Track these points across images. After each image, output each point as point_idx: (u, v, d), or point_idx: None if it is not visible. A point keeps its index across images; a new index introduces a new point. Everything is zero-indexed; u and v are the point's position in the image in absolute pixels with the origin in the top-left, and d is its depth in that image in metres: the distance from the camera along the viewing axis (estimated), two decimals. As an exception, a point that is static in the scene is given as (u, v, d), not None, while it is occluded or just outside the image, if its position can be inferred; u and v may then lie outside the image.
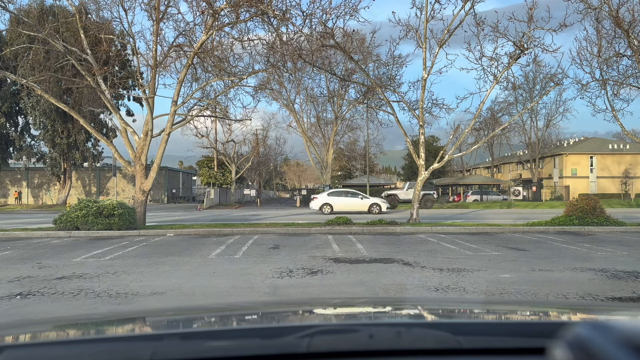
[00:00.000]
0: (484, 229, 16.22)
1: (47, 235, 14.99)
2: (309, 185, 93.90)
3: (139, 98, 26.17)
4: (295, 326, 1.26)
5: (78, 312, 5.44)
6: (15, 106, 40.28)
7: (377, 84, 19.67)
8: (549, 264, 8.88)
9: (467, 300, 5.55)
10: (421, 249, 11.29)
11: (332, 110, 45.09)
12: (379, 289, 6.75)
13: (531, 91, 48.03)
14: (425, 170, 19.11)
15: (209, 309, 2.16)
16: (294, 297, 6.42)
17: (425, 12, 17.78)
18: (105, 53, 17.28)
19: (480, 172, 74.20)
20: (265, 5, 15.50)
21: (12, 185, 53.13)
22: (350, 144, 61.89)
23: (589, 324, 0.70)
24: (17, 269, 8.60)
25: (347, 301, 2.90)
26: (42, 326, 1.61)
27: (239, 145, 48.89)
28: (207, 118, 35.23)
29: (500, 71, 18.30)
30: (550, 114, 54.51)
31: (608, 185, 53.86)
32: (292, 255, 10.11)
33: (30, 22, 18.06)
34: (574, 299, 6.11)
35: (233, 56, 19.13)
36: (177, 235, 15.13)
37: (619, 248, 11.34)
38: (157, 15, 16.21)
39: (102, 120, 39.58)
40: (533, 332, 1.16)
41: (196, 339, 1.13)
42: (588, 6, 16.95)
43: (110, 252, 10.87)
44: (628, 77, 18.69)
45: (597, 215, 16.72)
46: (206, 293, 6.74)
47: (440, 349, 1.04)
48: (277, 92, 39.88)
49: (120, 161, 18.39)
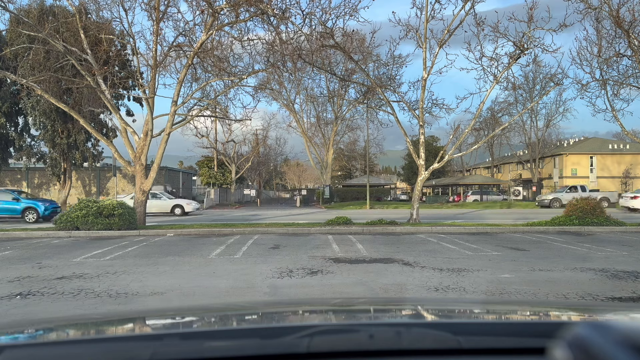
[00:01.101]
0: (484, 229, 16.22)
1: (47, 235, 15.00)
2: (309, 185, 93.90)
3: (139, 98, 26.14)
4: (295, 326, 1.26)
5: (78, 312, 5.44)
6: (15, 106, 40.18)
7: (377, 84, 19.66)
8: (549, 264, 8.88)
9: (467, 300, 5.55)
10: (421, 249, 11.30)
11: (332, 110, 45.17)
12: (378, 289, 6.75)
13: (531, 91, 48.05)
14: (425, 170, 19.12)
15: (209, 309, 2.16)
16: (294, 297, 6.42)
17: (425, 12, 17.80)
18: (105, 53, 17.28)
19: (480, 172, 74.19)
20: (264, 5, 15.50)
21: (12, 185, 53.08)
22: (350, 144, 61.92)
23: (589, 324, 0.70)
24: (17, 269, 8.60)
25: (347, 301, 2.90)
26: (42, 326, 1.61)
27: (239, 145, 48.94)
28: (207, 118, 35.24)
29: (500, 71, 18.31)
30: (550, 114, 54.63)
31: (608, 185, 53.82)
32: (292, 255, 10.11)
33: (30, 22, 18.05)
34: (574, 299, 6.11)
35: (233, 56, 19.16)
36: (177, 235, 15.13)
37: (619, 248, 11.34)
38: (157, 15, 16.20)
39: (102, 120, 39.51)
40: (533, 332, 1.16)
41: (196, 339, 1.13)
42: (588, 6, 16.94)
43: (110, 252, 10.87)
44: (628, 77, 18.69)
45: (597, 215, 16.72)
46: (206, 293, 6.74)
47: (440, 349, 1.04)
48: (277, 92, 39.95)
49: (120, 161, 18.39)
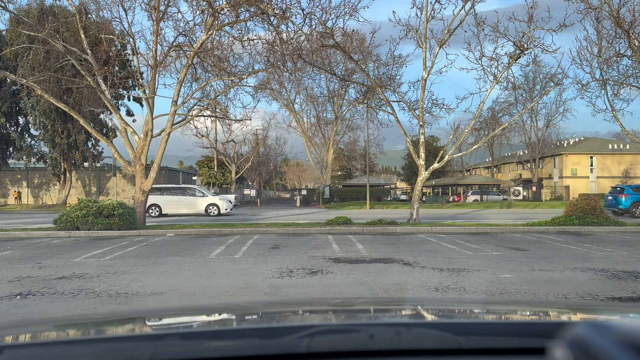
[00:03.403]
0: (484, 229, 16.21)
1: (47, 235, 14.99)
2: (309, 185, 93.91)
3: (139, 98, 26.17)
4: (295, 326, 1.26)
5: (78, 312, 5.44)
6: (15, 106, 40.22)
7: (377, 84, 19.66)
8: (549, 264, 8.88)
9: (467, 300, 5.55)
10: (421, 249, 11.29)
11: (332, 110, 45.16)
12: (378, 289, 6.75)
13: (531, 91, 48.06)
14: (425, 170, 19.11)
15: (209, 309, 2.16)
16: (294, 297, 6.42)
17: (425, 12, 17.79)
18: (105, 53, 17.27)
19: (480, 172, 74.19)
20: (264, 5, 15.50)
21: (12, 185, 53.12)
22: (350, 144, 61.98)
23: (589, 324, 0.70)
24: (17, 269, 8.60)
25: (347, 301, 2.90)
26: (42, 326, 1.61)
27: (239, 145, 48.91)
28: (207, 118, 35.25)
29: (500, 71, 18.30)
30: (550, 114, 54.64)
31: (608, 185, 53.61)
32: (292, 255, 10.11)
33: (30, 22, 18.05)
34: (574, 299, 6.11)
35: (233, 56, 19.15)
36: (177, 235, 15.12)
37: (619, 248, 11.34)
38: (157, 15, 16.20)
39: (102, 120, 39.57)
40: (533, 332, 1.15)
41: (196, 339, 1.13)
42: (588, 6, 16.95)
43: (110, 252, 10.87)
44: (628, 77, 18.70)
45: (597, 215, 16.72)
46: (206, 293, 6.73)
47: (440, 349, 1.04)
48: (277, 92, 39.92)
49: (120, 161, 18.38)
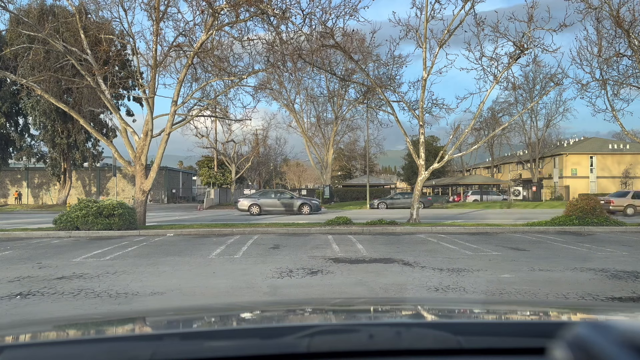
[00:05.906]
0: (484, 229, 16.22)
1: (47, 235, 14.99)
2: (309, 185, 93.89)
3: (139, 98, 26.18)
4: (295, 326, 1.26)
5: (78, 312, 5.44)
6: (15, 106, 40.24)
7: (377, 84, 19.66)
8: (549, 264, 8.88)
9: (467, 300, 5.55)
10: (421, 249, 11.29)
11: (332, 110, 45.13)
12: (378, 289, 6.75)
13: (531, 91, 48.08)
14: (425, 170, 19.11)
15: (209, 309, 2.16)
16: (294, 297, 6.42)
17: (425, 12, 17.80)
18: (105, 53, 17.27)
19: (480, 172, 74.19)
20: (264, 5, 15.50)
21: (12, 185, 53.14)
22: (350, 144, 61.93)
23: (589, 324, 0.70)
24: (17, 269, 8.60)
25: (347, 301, 2.90)
26: (42, 326, 1.61)
27: (239, 145, 48.84)
28: (207, 118, 35.20)
29: (500, 71, 18.30)
30: (550, 114, 54.70)
31: (608, 185, 53.83)
32: (292, 255, 10.11)
33: (30, 22, 18.07)
34: (574, 299, 6.10)
35: (233, 56, 19.14)
36: (177, 235, 15.13)
37: (619, 248, 11.34)
38: (157, 15, 16.20)
39: (102, 120, 39.61)
40: (533, 332, 1.15)
41: (196, 339, 1.13)
42: (588, 6, 16.94)
43: (110, 252, 10.87)
44: (628, 77, 18.68)
45: (597, 215, 16.72)
46: (206, 293, 6.73)
47: (440, 349, 1.04)
48: (277, 92, 39.90)
49: (120, 161, 18.38)
